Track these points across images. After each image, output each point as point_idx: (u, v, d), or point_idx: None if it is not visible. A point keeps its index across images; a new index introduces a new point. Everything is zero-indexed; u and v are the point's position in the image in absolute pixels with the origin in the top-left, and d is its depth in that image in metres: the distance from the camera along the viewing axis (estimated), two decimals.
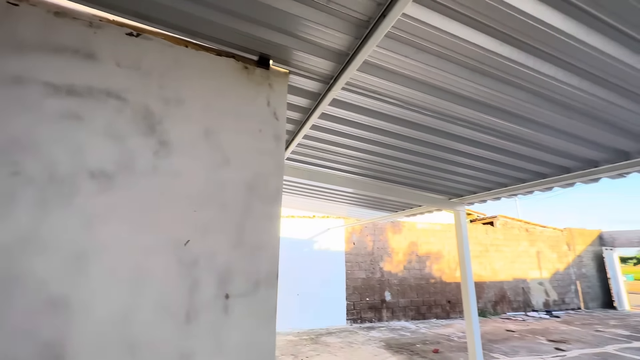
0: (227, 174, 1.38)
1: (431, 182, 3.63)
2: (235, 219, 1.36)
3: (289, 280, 7.85)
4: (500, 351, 6.05)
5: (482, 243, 10.73)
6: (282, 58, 1.58)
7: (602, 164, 2.61)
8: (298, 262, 8.12)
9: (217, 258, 1.29)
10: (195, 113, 1.36)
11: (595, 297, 12.28)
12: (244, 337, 1.29)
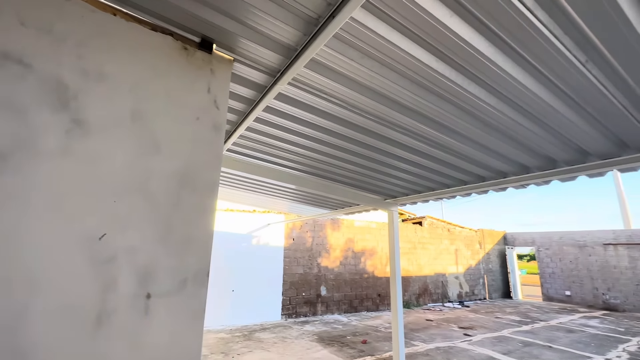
0: (157, 162, 1.26)
1: (369, 182, 3.82)
2: (163, 212, 1.26)
3: (225, 275, 7.57)
4: (420, 339, 6.67)
5: (411, 241, 11.68)
6: (227, 44, 1.49)
7: (510, 175, 3.04)
8: (235, 257, 7.87)
9: (139, 254, 1.17)
10: (121, 91, 1.21)
11: (497, 289, 14.30)
12: (166, 339, 1.20)
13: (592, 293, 12.18)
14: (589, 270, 12.40)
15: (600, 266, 12.12)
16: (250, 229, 8.31)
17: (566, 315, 10.05)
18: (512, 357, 5.58)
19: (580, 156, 2.48)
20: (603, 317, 9.92)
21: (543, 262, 13.91)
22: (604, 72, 1.51)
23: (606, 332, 7.86)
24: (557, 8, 1.20)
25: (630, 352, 6.13)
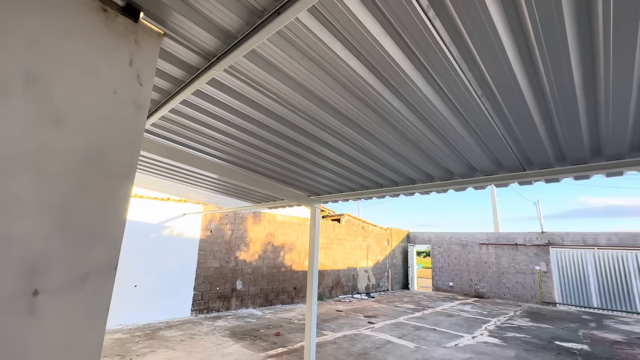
0: (57, 138, 1.08)
1: (296, 179, 3.90)
2: (63, 195, 1.09)
3: (127, 269, 6.75)
4: (330, 329, 7.10)
5: (329, 237, 12.28)
6: (157, 15, 1.35)
7: (418, 182, 3.48)
8: (141, 249, 7.09)
9: (26, 244, 1.00)
10: (14, 47, 1.00)
11: (398, 281, 16.12)
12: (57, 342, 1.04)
13: (468, 284, 14.75)
14: (467, 265, 14.97)
15: (475, 262, 14.75)
16: (162, 219, 7.58)
17: (448, 303, 11.96)
18: (406, 340, 6.40)
19: (470, 171, 2.99)
20: (474, 303, 12.12)
21: (435, 258, 16.22)
22: (492, 106, 1.87)
23: (475, 315, 9.64)
24: (466, 48, 1.44)
25: (490, 330, 7.66)
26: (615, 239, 11.78)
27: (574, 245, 12.51)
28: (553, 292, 12.54)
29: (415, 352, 5.69)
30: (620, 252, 11.57)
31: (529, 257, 13.37)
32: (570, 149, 2.32)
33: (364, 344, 5.98)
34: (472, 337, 6.96)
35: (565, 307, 12.06)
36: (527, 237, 13.66)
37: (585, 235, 12.41)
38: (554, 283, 12.59)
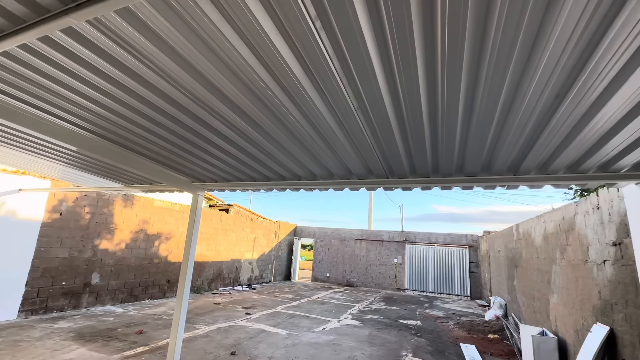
0: None
1: (178, 162, 3.58)
2: None
3: None
4: (203, 322, 6.79)
5: (214, 227, 11.70)
6: None
7: (303, 179, 3.70)
8: None
9: None
10: None
11: (281, 272, 16.69)
12: None
13: (342, 274, 16.49)
14: (343, 258, 16.73)
15: (350, 255, 16.62)
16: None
17: (323, 292, 13.10)
18: (279, 328, 6.71)
19: (347, 174, 3.37)
20: (344, 292, 13.64)
21: (317, 251, 17.50)
22: (365, 119, 2.16)
23: (344, 302, 10.87)
24: (346, 64, 1.63)
25: (353, 314, 8.78)
26: (448, 238, 15.22)
27: (422, 243, 15.54)
28: (404, 280, 15.28)
29: (287, 338, 6.03)
30: (449, 249, 15.04)
31: (391, 252, 15.91)
32: (419, 164, 2.90)
33: (238, 335, 5.98)
34: (338, 321, 7.83)
35: (411, 292, 14.87)
36: (391, 234, 16.21)
37: (430, 235, 15.59)
38: (405, 273, 15.36)
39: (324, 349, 5.49)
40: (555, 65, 1.46)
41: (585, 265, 4.03)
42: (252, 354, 4.99)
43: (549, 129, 2.05)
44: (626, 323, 3.15)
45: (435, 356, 5.54)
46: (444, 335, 7.11)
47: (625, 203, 3.06)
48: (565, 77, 1.54)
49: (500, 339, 6.84)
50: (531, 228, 6.58)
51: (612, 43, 1.30)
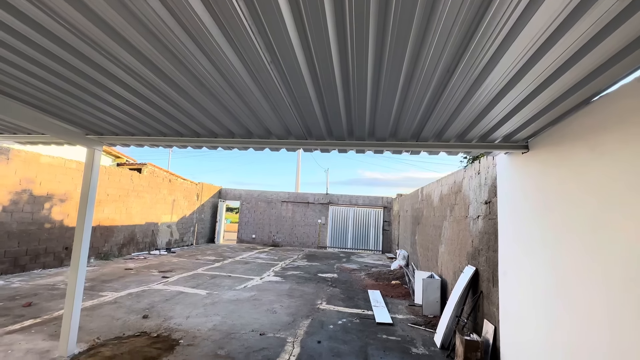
0: None
1: (68, 111, 3.03)
2: None
3: None
4: (111, 289, 6.29)
5: (124, 188, 10.50)
6: None
7: (220, 137, 3.51)
8: None
9: None
10: None
11: (204, 235, 16.20)
12: None
13: (267, 235, 16.83)
14: (269, 219, 16.98)
15: (276, 217, 16.93)
16: None
17: (248, 252, 13.26)
18: (199, 289, 6.65)
19: (266, 133, 3.31)
20: (269, 251, 14.04)
21: (243, 213, 17.35)
22: (280, 75, 2.10)
23: (268, 261, 11.22)
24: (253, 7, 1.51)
25: (275, 271, 9.18)
26: (367, 200, 16.62)
27: (344, 205, 16.67)
28: (327, 238, 16.40)
29: (206, 297, 6.03)
30: (367, 210, 16.52)
31: (315, 213, 16.71)
32: (335, 127, 3.00)
33: (152, 299, 5.74)
34: (260, 278, 8.10)
35: (332, 249, 16.11)
36: (316, 197, 16.93)
37: (351, 197, 16.77)
38: (328, 232, 16.45)
39: (243, 305, 5.69)
40: (446, 41, 1.61)
41: (466, 220, 4.88)
42: (167, 315, 4.88)
43: (442, 100, 2.30)
44: (486, 264, 4.00)
45: (346, 302, 6.25)
46: (355, 284, 8.01)
47: (496, 169, 3.72)
48: (454, 52, 1.72)
49: (400, 284, 8.03)
50: (432, 190, 7.60)
51: (490, 24, 1.48)
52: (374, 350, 4.01)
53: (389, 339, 4.41)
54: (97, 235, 9.48)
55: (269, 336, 4.30)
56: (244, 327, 4.56)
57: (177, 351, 3.68)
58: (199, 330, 4.37)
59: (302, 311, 5.50)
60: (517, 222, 3.22)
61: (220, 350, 3.77)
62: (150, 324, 4.49)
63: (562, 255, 2.47)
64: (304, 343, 4.13)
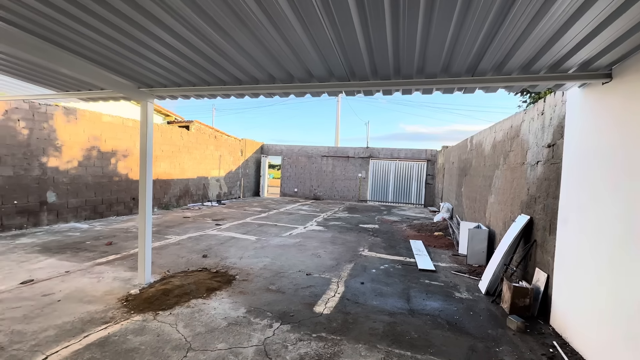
0: None
1: (120, 63, 3.16)
2: None
3: None
4: (174, 233, 7.06)
5: (176, 144, 11.23)
6: None
7: (261, 83, 3.48)
8: None
9: None
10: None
11: (250, 189, 17.14)
12: None
13: (309, 189, 17.32)
14: (310, 174, 17.33)
15: (317, 171, 17.20)
16: None
17: (291, 205, 13.87)
18: (249, 235, 7.20)
19: (308, 76, 3.20)
20: (311, 204, 14.55)
21: (285, 168, 17.86)
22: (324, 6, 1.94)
23: (310, 212, 11.67)
24: None
25: (318, 222, 9.56)
26: (409, 153, 16.07)
27: (385, 158, 16.32)
28: (367, 192, 16.47)
29: (256, 242, 6.53)
30: (409, 163, 16.04)
31: (355, 167, 16.66)
32: (380, 65, 2.79)
33: (209, 242, 6.36)
34: (304, 227, 8.52)
35: (372, 203, 16.22)
36: (356, 151, 16.72)
37: (393, 151, 16.30)
38: (368, 186, 16.45)
39: (290, 249, 6.08)
40: None
41: (522, 167, 4.51)
42: (223, 256, 5.41)
43: (507, 23, 1.99)
44: (543, 212, 3.73)
45: (387, 250, 6.39)
46: (397, 234, 8.10)
47: (566, 106, 3.29)
48: None
49: (443, 235, 7.95)
50: (483, 138, 7.05)
51: None
52: (416, 293, 4.13)
53: (431, 284, 4.49)
54: (157, 188, 10.47)
55: (315, 276, 4.60)
56: (291, 268, 4.92)
57: (234, 285, 4.12)
58: (252, 269, 4.80)
59: (345, 257, 5.74)
60: (585, 166, 2.89)
61: (271, 286, 4.14)
62: (209, 262, 5.02)
63: (638, 203, 2.19)
64: (348, 283, 4.37)
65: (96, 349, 2.57)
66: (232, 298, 3.69)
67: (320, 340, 2.85)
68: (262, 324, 3.11)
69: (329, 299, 3.80)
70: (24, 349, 2.52)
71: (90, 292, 3.69)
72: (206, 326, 3.01)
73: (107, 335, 2.79)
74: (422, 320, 3.35)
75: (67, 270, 4.38)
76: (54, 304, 3.33)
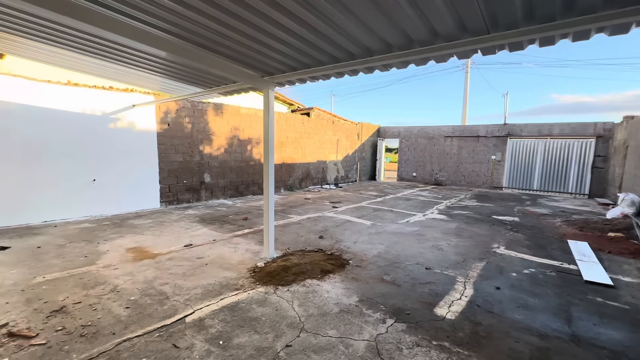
0: None
1: (246, 54, 3.42)
2: None
3: (80, 164, 6.45)
4: (296, 213, 7.64)
5: (298, 131, 12.11)
6: None
7: (375, 54, 3.12)
8: (92, 144, 6.63)
9: None
10: None
11: (366, 173, 17.10)
12: None
13: (429, 173, 15.94)
14: (430, 157, 15.86)
15: (439, 153, 15.60)
16: (107, 110, 6.88)
17: (409, 190, 13.07)
18: (364, 219, 7.09)
19: (431, 37, 2.64)
20: (432, 190, 13.34)
21: (402, 151, 16.94)
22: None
23: (430, 199, 10.68)
24: None
25: (439, 209, 8.61)
26: (567, 129, 12.53)
27: (530, 136, 13.27)
28: (502, 178, 13.91)
29: (370, 227, 6.35)
30: (567, 141, 12.51)
31: (488, 148, 14.23)
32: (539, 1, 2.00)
33: (326, 223, 6.56)
34: (423, 215, 7.81)
35: (510, 190, 13.61)
36: (489, 129, 14.21)
37: (541, 127, 13.07)
38: (504, 170, 13.84)
39: (407, 238, 5.62)
40: None
41: None
42: (338, 238, 5.46)
43: None
44: None
45: (533, 250, 5.10)
46: (546, 231, 6.43)
47: None
48: None
49: (625, 237, 5.82)
50: None
51: None
52: (581, 313, 3.08)
53: (607, 304, 3.28)
54: (283, 171, 11.61)
55: (436, 272, 4.06)
56: (407, 259, 4.50)
57: (347, 270, 4.04)
58: (365, 254, 4.64)
59: (474, 253, 4.89)
60: None
61: (385, 276, 3.87)
62: (325, 244, 5.14)
63: None
64: (478, 286, 3.65)
65: (228, 312, 2.91)
66: (344, 284, 3.61)
67: (442, 350, 2.42)
68: (374, 317, 2.90)
69: (454, 302, 3.24)
70: (180, 301, 3.09)
71: (228, 260, 4.30)
72: (319, 309, 3.01)
73: (237, 301, 3.13)
74: (595, 355, 2.43)
75: (214, 239, 5.27)
76: (202, 267, 4.01)
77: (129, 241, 5.01)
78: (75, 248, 4.62)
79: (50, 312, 2.83)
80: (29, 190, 5.86)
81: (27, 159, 5.81)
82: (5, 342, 2.38)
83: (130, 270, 3.83)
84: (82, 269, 3.85)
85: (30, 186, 5.87)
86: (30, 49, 4.04)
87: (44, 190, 6.03)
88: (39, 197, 5.98)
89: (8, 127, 5.58)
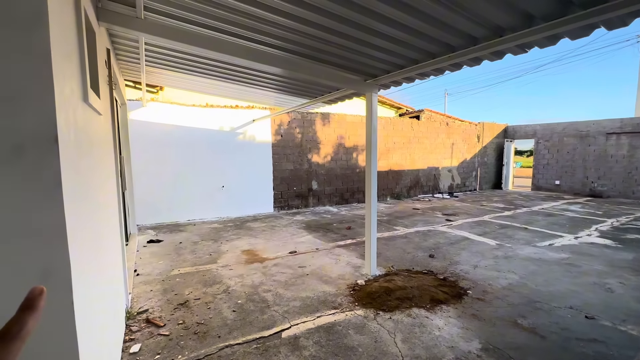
0: None
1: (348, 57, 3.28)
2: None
3: (213, 172, 7.61)
4: (402, 224, 7.03)
5: (406, 136, 11.36)
6: None
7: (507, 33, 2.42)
8: (222, 155, 7.75)
9: None
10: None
11: (489, 180, 14.68)
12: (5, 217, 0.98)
13: (581, 182, 12.43)
14: (584, 160, 12.35)
15: (597, 156, 12.00)
16: (234, 126, 7.93)
17: (550, 202, 10.46)
18: (487, 237, 5.91)
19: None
20: (585, 203, 10.32)
21: (540, 154, 13.82)
22: None
23: (585, 215, 8.22)
24: None
25: (601, 231, 6.45)
26: None
27: None
28: None
29: (496, 249, 5.20)
30: None
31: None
32: None
33: (437, 239, 5.75)
34: (574, 237, 5.99)
35: None
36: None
37: None
38: None
39: (551, 267, 4.33)
40: None
41: None
42: (452, 260, 4.65)
43: None
44: None
45: None
46: None
47: None
48: None
49: None
50: None
51: None
52: None
53: None
54: (389, 179, 11.06)
55: (604, 324, 2.89)
56: (554, 299, 3.39)
57: (466, 302, 3.31)
58: (490, 285, 3.75)
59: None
60: None
61: (521, 320, 2.97)
62: (436, 264, 4.44)
63: None
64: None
65: (323, 334, 2.71)
66: (461, 321, 2.94)
67: None
68: None
69: None
70: (279, 312, 3.08)
71: (328, 272, 4.17)
72: (427, 350, 2.49)
73: (334, 322, 2.91)
74: None
75: (317, 247, 5.28)
76: (303, 277, 3.99)
77: (244, 243, 5.52)
78: (204, 246, 5.37)
79: (177, 304, 3.25)
80: (179, 194, 7.25)
81: (177, 169, 7.20)
82: (143, 327, 2.80)
83: (241, 273, 4.14)
84: (206, 266, 4.38)
85: (179, 191, 7.25)
86: (178, 79, 4.93)
87: (189, 194, 7.36)
88: (185, 199, 7.33)
89: (167, 144, 7.05)
